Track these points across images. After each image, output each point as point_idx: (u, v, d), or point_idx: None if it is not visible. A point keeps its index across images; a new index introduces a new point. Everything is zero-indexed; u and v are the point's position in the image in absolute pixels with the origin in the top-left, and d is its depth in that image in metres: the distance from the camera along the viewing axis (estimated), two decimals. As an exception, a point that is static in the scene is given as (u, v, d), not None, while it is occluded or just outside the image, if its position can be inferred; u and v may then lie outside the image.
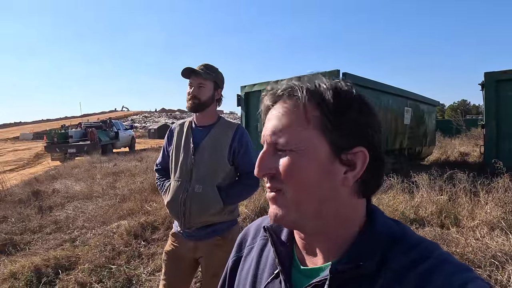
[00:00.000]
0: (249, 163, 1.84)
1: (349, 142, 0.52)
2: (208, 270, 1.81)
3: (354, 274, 0.50)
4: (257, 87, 7.23)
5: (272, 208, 0.56)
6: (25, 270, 3.22)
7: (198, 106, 1.78)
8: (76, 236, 4.34)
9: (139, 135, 32.77)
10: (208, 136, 1.82)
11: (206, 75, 1.76)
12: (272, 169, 0.55)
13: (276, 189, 0.55)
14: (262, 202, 4.69)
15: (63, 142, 14.66)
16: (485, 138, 6.61)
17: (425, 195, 4.36)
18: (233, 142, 1.81)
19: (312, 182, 0.52)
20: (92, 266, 3.30)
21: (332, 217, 0.54)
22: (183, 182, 1.78)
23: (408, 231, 0.55)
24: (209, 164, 1.77)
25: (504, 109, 6.19)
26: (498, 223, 3.39)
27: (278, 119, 0.55)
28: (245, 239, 0.75)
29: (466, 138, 13.83)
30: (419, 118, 9.10)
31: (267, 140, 0.57)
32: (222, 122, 1.88)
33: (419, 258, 0.48)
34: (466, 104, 56.77)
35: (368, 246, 0.52)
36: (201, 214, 1.74)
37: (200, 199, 1.73)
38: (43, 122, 61.62)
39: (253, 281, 0.64)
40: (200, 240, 1.80)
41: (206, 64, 1.81)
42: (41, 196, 6.51)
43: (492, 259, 2.70)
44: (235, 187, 1.81)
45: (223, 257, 1.82)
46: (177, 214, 1.79)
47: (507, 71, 6.15)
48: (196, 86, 1.76)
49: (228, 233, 1.83)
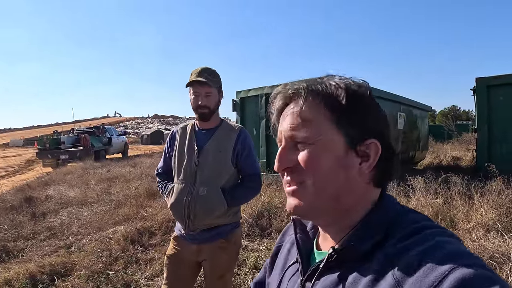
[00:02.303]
0: (252, 165, 1.85)
1: (362, 134, 0.57)
2: (213, 273, 1.80)
3: (348, 255, 0.54)
4: (252, 92, 7.26)
5: (291, 200, 0.60)
6: (20, 277, 3.16)
7: (209, 115, 1.80)
8: (71, 242, 4.27)
9: (132, 141, 32.54)
10: (212, 138, 1.82)
11: (212, 82, 1.75)
12: (291, 162, 0.59)
13: (297, 182, 0.59)
14: (259, 206, 4.69)
15: (55, 148, 14.48)
16: (477, 142, 6.70)
17: (421, 198, 4.41)
18: (236, 144, 1.81)
19: (330, 172, 0.57)
20: (88, 272, 3.25)
21: (346, 207, 0.58)
22: (187, 184, 1.78)
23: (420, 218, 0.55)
24: (214, 166, 1.77)
25: (496, 114, 6.30)
26: (494, 225, 3.44)
27: (295, 116, 0.59)
28: (288, 229, 0.83)
29: (458, 143, 14.02)
30: (412, 123, 9.21)
31: (285, 135, 0.60)
32: (224, 125, 1.89)
33: (415, 243, 0.49)
34: (456, 109, 57.67)
35: (366, 229, 0.55)
36: (205, 217, 1.74)
37: (205, 202, 1.73)
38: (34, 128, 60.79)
39: (284, 263, 0.73)
40: (203, 243, 1.79)
41: (208, 69, 1.78)
42: (34, 202, 6.41)
43: (490, 260, 2.73)
44: (239, 189, 1.81)
45: (227, 259, 1.82)
46: (181, 216, 1.77)
47: (498, 76, 6.27)
48: (203, 95, 1.76)
49: (231, 236, 1.83)
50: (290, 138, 0.59)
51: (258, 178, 1.86)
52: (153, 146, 27.00)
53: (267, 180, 6.21)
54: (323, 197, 0.57)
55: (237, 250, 1.90)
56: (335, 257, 0.55)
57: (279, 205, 4.83)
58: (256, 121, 7.20)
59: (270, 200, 4.96)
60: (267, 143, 6.87)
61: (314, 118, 0.57)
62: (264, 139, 6.90)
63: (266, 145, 6.89)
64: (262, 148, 6.98)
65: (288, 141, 0.60)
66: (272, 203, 4.88)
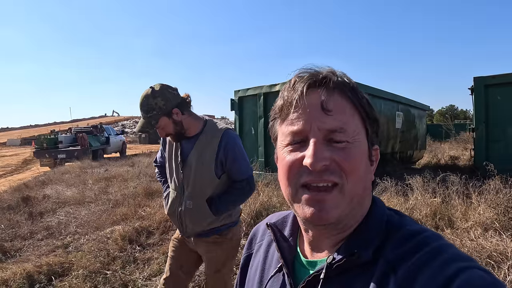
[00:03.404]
0: (239, 170, 1.78)
1: (375, 138, 0.58)
2: (209, 267, 1.85)
3: (350, 263, 0.51)
4: (251, 92, 7.25)
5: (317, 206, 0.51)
6: (17, 277, 3.14)
7: (177, 137, 1.76)
8: (69, 242, 4.25)
9: (130, 140, 32.43)
10: (194, 148, 1.77)
11: (151, 122, 1.66)
12: (328, 159, 0.51)
13: (331, 183, 0.51)
14: (257, 206, 4.68)
15: (53, 147, 14.42)
16: (475, 141, 6.72)
17: (419, 197, 4.41)
18: (218, 152, 1.74)
19: (364, 174, 0.55)
20: (86, 272, 3.23)
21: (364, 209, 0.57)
22: (178, 194, 1.83)
23: (408, 221, 0.55)
24: (197, 180, 1.76)
25: (493, 113, 6.32)
26: (492, 224, 3.45)
27: (340, 109, 0.52)
28: (255, 236, 0.76)
29: (455, 142, 14.07)
30: (410, 123, 9.23)
31: (319, 127, 0.51)
32: (207, 129, 1.79)
33: (415, 248, 0.48)
34: (454, 109, 57.84)
35: (364, 236, 0.53)
36: (196, 227, 1.79)
37: (192, 214, 1.78)
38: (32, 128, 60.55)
39: (261, 275, 0.66)
40: (199, 237, 1.83)
41: (143, 105, 1.66)
42: (31, 202, 6.37)
43: (488, 259, 2.74)
44: (225, 197, 1.78)
45: (222, 254, 1.83)
46: (176, 224, 1.88)
47: (496, 76, 6.29)
48: (159, 130, 1.72)
49: (227, 232, 1.84)
50: (326, 133, 0.51)
51: (246, 182, 1.79)
52: (151, 145, 26.96)
53: (265, 180, 6.20)
54: (354, 201, 0.53)
55: (234, 246, 1.89)
56: (335, 266, 0.51)
57: (277, 205, 4.82)
58: (254, 121, 7.18)
59: (268, 200, 4.95)
60: (265, 142, 6.85)
61: (352, 116, 0.53)
62: (263, 138, 6.89)
63: (264, 144, 6.88)
64: (260, 148, 6.97)
65: (322, 135, 0.51)
66: (270, 202, 4.88)
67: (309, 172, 0.51)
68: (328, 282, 0.51)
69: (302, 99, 0.52)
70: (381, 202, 0.59)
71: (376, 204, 0.58)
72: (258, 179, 6.39)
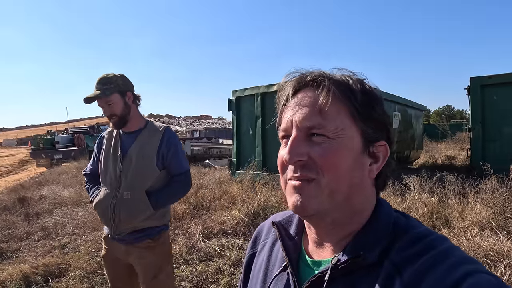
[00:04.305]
0: (179, 164, 1.84)
1: (376, 135, 0.55)
2: (145, 274, 1.79)
3: (355, 265, 0.50)
4: (248, 92, 7.24)
5: (297, 197, 0.53)
6: (14, 278, 3.13)
7: (120, 121, 1.78)
8: (65, 243, 4.23)
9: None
10: (136, 142, 1.81)
11: (106, 92, 1.71)
12: (304, 155, 0.53)
13: (307, 178, 0.53)
14: (255, 206, 4.69)
15: (49, 148, 14.38)
16: (471, 141, 6.76)
17: (417, 197, 4.43)
18: (160, 146, 1.80)
19: (347, 171, 0.53)
20: (83, 272, 3.22)
21: (356, 207, 0.56)
22: (113, 189, 1.78)
23: (415, 223, 0.55)
24: (137, 170, 1.76)
25: (490, 113, 6.35)
26: (488, 223, 3.47)
27: (314, 106, 0.54)
28: (260, 235, 0.76)
29: (452, 142, 14.13)
30: (407, 123, 9.26)
31: (299, 124, 0.54)
32: (150, 126, 1.86)
33: (422, 251, 0.48)
34: (451, 109, 58.14)
35: (371, 238, 0.53)
36: (130, 220, 1.74)
37: (129, 206, 1.73)
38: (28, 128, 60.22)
39: (265, 274, 0.65)
40: (131, 244, 1.78)
41: (101, 79, 1.75)
42: (27, 202, 6.34)
43: (485, 258, 2.75)
44: (164, 190, 1.80)
45: (157, 259, 1.79)
46: (107, 220, 1.78)
47: (492, 76, 6.32)
48: (106, 106, 1.74)
49: (159, 236, 1.81)
50: (306, 129, 0.53)
51: (184, 176, 1.85)
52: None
53: (263, 180, 6.20)
54: (336, 197, 0.53)
55: (167, 250, 1.87)
56: (341, 267, 0.51)
57: (275, 204, 4.83)
58: (252, 121, 7.18)
59: (266, 200, 4.96)
60: (263, 142, 6.86)
61: (336, 111, 0.53)
62: (260, 138, 6.89)
63: (262, 144, 6.88)
64: (258, 148, 6.97)
65: (302, 132, 0.54)
66: (268, 202, 4.88)
67: (290, 167, 0.54)
68: (332, 283, 0.51)
69: (289, 99, 0.57)
70: (388, 203, 0.59)
71: (382, 205, 0.57)
72: (256, 179, 6.39)
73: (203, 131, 27.99)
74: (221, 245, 3.83)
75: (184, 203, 5.25)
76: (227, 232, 4.27)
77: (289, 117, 0.56)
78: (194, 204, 5.32)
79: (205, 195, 5.74)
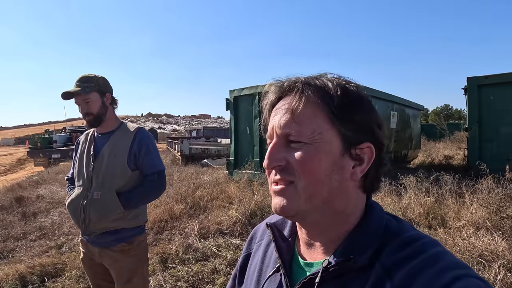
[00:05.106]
0: (151, 164, 1.83)
1: (357, 137, 0.55)
2: (119, 278, 1.78)
3: (346, 267, 0.51)
4: (246, 91, 7.24)
5: (278, 199, 0.56)
6: (9, 278, 3.12)
7: (95, 120, 1.80)
8: (62, 243, 4.23)
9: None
10: (108, 142, 1.83)
11: (86, 89, 1.74)
12: (282, 160, 0.55)
13: (286, 182, 0.55)
14: (252, 206, 4.69)
15: (47, 147, 14.37)
16: (468, 141, 6.78)
17: (413, 197, 4.44)
18: (132, 145, 1.81)
19: (325, 175, 0.53)
20: (79, 272, 3.22)
21: (337, 210, 0.56)
22: (84, 189, 1.78)
23: (407, 227, 0.55)
24: (107, 170, 1.77)
25: (487, 113, 6.38)
26: (484, 223, 3.48)
27: (291, 112, 0.55)
28: (255, 236, 0.77)
29: (450, 141, 14.16)
30: (405, 122, 9.28)
31: (277, 132, 0.56)
32: (123, 127, 1.89)
33: (412, 254, 0.48)
34: (449, 108, 58.26)
35: (361, 241, 0.53)
36: (101, 220, 1.72)
37: (99, 205, 1.72)
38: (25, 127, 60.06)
39: (259, 275, 0.66)
40: (104, 247, 1.77)
41: (82, 77, 1.78)
42: (24, 202, 6.33)
43: (479, 258, 2.76)
44: (136, 190, 1.79)
45: (132, 262, 1.78)
46: (78, 220, 1.78)
47: (489, 76, 6.35)
48: (83, 103, 1.76)
49: (133, 240, 1.80)
50: (283, 135, 0.55)
51: (158, 175, 1.84)
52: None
53: (260, 179, 6.21)
54: (314, 200, 0.54)
55: (143, 252, 1.86)
56: (331, 270, 0.52)
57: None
58: (249, 120, 7.18)
59: (263, 199, 4.96)
60: (260, 142, 6.86)
61: (312, 116, 0.54)
62: (258, 138, 6.89)
63: (259, 144, 6.88)
64: (256, 147, 6.98)
65: (280, 138, 0.56)
66: (265, 202, 4.88)
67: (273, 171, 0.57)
68: (323, 285, 0.52)
69: (271, 107, 0.60)
70: (380, 206, 0.59)
71: (373, 208, 0.58)
72: (253, 179, 6.40)
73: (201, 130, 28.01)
74: (217, 245, 3.83)
75: (181, 202, 5.25)
76: (223, 232, 4.27)
77: (270, 125, 0.58)
78: (191, 203, 5.33)
79: (203, 194, 5.74)
